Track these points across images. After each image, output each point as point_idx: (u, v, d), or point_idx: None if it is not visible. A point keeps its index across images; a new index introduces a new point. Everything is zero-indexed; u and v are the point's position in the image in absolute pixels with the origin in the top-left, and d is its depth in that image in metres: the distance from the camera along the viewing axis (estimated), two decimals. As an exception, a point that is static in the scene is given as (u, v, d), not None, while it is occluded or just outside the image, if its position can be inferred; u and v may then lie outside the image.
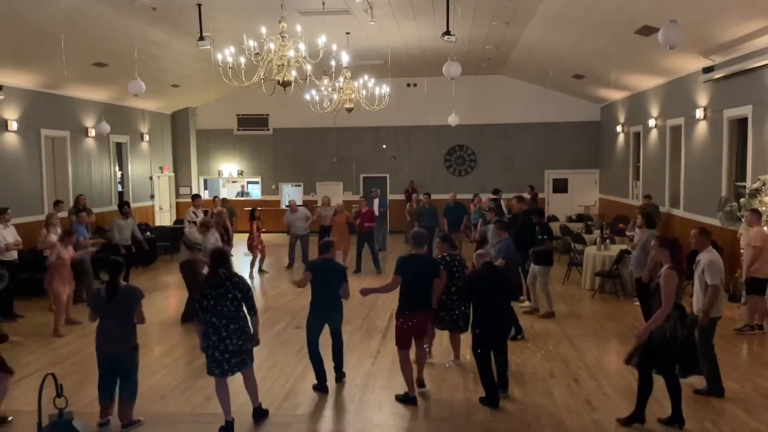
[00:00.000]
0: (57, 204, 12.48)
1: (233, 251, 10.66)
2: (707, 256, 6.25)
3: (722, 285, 6.29)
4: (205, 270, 9.37)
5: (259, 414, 5.90)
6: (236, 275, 5.71)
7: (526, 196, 14.45)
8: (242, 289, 5.61)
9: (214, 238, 9.80)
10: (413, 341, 6.38)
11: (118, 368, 5.75)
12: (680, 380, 5.60)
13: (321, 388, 6.61)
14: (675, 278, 5.44)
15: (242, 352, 5.63)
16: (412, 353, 6.46)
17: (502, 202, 16.34)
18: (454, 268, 7.01)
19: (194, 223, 12.04)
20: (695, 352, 5.62)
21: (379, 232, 16.11)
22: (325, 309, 6.65)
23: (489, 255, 6.85)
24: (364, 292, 6.66)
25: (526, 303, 9.91)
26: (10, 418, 5.97)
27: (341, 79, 11.47)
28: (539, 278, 9.59)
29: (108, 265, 5.88)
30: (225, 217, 13.02)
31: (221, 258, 5.72)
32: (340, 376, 6.89)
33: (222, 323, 5.51)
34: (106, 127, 14.95)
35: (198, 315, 5.59)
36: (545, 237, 9.68)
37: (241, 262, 13.61)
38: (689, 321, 5.62)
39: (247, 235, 13.59)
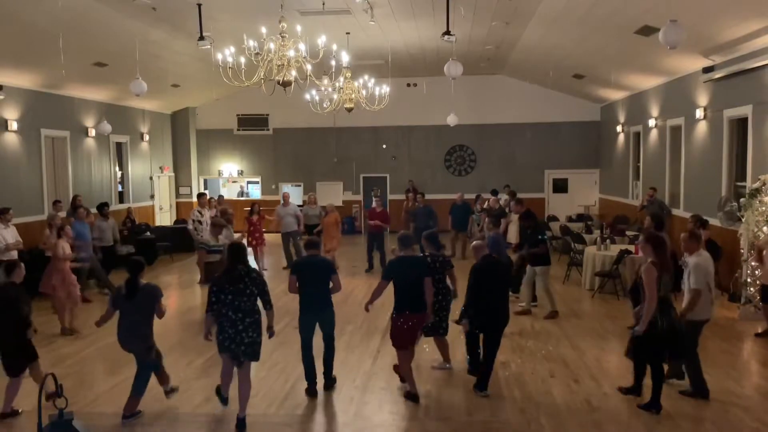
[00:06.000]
0: (56, 204, 12.49)
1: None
2: (694, 260, 6.26)
3: (710, 289, 6.26)
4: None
5: (241, 426, 5.68)
6: (254, 271, 5.80)
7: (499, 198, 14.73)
8: (259, 284, 5.70)
9: (226, 236, 9.75)
10: (407, 343, 6.32)
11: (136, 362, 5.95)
12: (672, 381, 6.01)
13: (311, 391, 6.52)
14: (654, 271, 5.72)
15: (255, 344, 5.71)
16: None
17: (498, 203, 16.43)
18: (433, 267, 6.86)
19: (198, 222, 11.93)
20: (679, 341, 5.79)
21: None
22: (315, 308, 6.48)
23: (486, 247, 6.88)
24: (368, 307, 6.59)
25: (520, 304, 9.91)
26: (20, 410, 6.09)
27: (341, 79, 11.48)
28: (540, 278, 9.63)
29: (129, 265, 6.02)
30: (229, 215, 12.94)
31: (239, 253, 5.78)
32: (330, 384, 6.72)
33: (239, 317, 5.60)
34: (107, 127, 14.94)
35: (212, 307, 5.65)
36: (544, 237, 9.76)
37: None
38: (673, 312, 5.80)
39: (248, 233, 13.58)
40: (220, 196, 17.04)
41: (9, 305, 5.91)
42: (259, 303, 5.79)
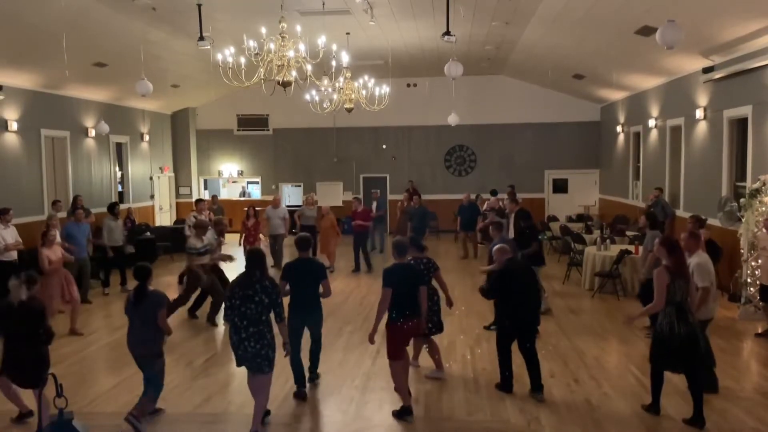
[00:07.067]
0: (55, 204, 12.48)
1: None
2: (695, 259, 6.27)
3: (713, 287, 6.29)
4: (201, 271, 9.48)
5: None
6: (269, 279, 5.62)
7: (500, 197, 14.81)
8: (270, 294, 5.51)
9: (210, 238, 9.76)
10: (405, 350, 6.21)
11: (143, 371, 5.84)
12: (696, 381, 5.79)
13: (299, 394, 6.49)
14: (666, 276, 5.61)
15: (259, 356, 5.51)
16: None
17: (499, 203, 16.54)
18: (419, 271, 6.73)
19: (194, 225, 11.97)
20: (698, 349, 5.64)
21: (378, 233, 16.20)
22: (303, 310, 6.45)
23: (510, 251, 6.79)
24: (372, 338, 6.32)
25: None
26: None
27: (341, 79, 11.47)
28: None
29: (135, 271, 5.90)
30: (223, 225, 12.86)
31: (257, 259, 5.65)
32: (314, 378, 6.81)
33: (243, 324, 5.47)
34: (105, 127, 14.95)
35: (225, 312, 5.63)
36: (542, 238, 9.77)
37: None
38: (691, 318, 5.65)
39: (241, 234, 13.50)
40: (214, 196, 17.05)
41: (33, 318, 5.69)
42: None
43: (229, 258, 10.02)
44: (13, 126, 12.55)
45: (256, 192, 21.20)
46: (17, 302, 5.64)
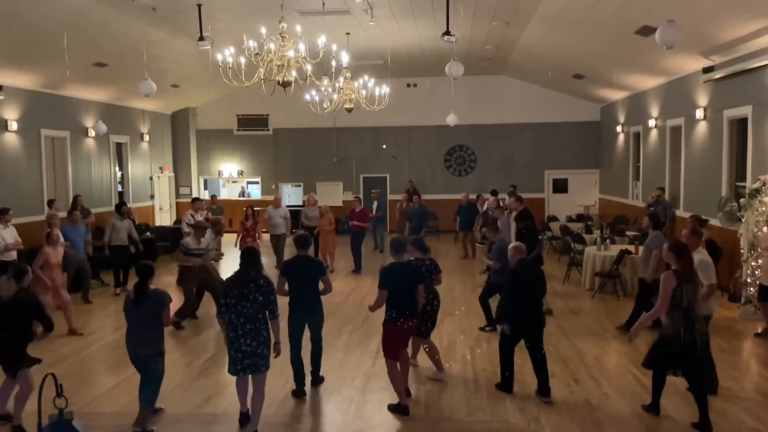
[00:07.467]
0: (52, 203, 12.46)
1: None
2: (697, 257, 6.26)
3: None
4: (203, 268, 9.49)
5: None
6: (263, 277, 5.65)
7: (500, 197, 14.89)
8: (264, 292, 5.54)
9: (208, 239, 9.76)
10: (401, 350, 6.21)
11: (143, 370, 5.81)
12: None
13: (298, 393, 6.50)
14: (672, 280, 5.53)
15: (255, 354, 5.53)
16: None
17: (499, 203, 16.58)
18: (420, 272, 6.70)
19: (190, 225, 11.96)
20: (700, 357, 5.59)
21: (378, 233, 16.24)
22: (304, 308, 6.47)
23: (524, 251, 6.76)
24: (372, 309, 6.37)
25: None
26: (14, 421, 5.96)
27: (341, 79, 11.47)
28: None
29: (137, 269, 5.91)
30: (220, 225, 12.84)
31: (252, 258, 5.70)
32: (317, 381, 6.79)
33: (240, 321, 5.51)
34: (102, 127, 14.95)
35: (220, 310, 5.64)
36: (542, 238, 9.79)
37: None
38: (699, 326, 5.57)
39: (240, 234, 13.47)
40: (213, 196, 17.05)
41: (22, 310, 5.74)
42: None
43: (220, 255, 10.07)
44: (13, 126, 12.55)
45: (256, 192, 21.19)
46: (6, 297, 5.66)
